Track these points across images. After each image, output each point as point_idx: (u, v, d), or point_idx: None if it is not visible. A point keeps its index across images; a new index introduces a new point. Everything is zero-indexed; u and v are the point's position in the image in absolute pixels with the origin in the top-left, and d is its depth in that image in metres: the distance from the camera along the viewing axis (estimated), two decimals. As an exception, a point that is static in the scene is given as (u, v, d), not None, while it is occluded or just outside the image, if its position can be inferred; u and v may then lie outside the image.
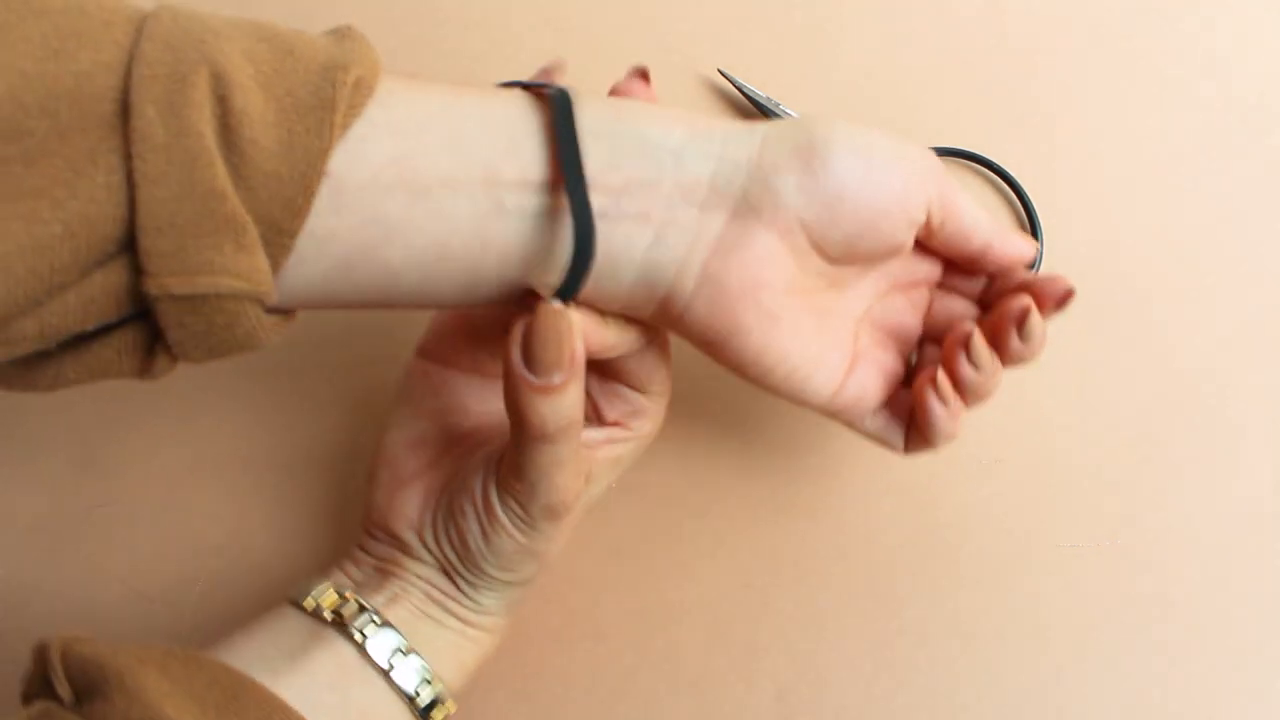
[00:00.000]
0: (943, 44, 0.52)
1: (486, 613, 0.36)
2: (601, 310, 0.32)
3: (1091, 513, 0.43)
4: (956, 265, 0.36)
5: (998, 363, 0.34)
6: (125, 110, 0.24)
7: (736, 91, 0.50)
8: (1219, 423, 0.44)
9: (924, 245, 0.35)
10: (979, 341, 0.33)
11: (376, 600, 0.34)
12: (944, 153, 0.49)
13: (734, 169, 0.30)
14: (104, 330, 0.27)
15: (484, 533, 0.33)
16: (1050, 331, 0.46)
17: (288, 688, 0.30)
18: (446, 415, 0.37)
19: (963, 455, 0.44)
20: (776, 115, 0.49)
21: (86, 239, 0.24)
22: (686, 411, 0.44)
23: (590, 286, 0.30)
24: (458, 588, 0.35)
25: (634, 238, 0.30)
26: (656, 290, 0.31)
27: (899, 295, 0.36)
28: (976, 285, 0.37)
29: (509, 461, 0.32)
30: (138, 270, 0.25)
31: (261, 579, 0.41)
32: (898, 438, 0.36)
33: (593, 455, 0.35)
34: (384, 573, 0.35)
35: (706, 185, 0.30)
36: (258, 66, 0.26)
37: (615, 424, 0.36)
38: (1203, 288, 0.47)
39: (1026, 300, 0.33)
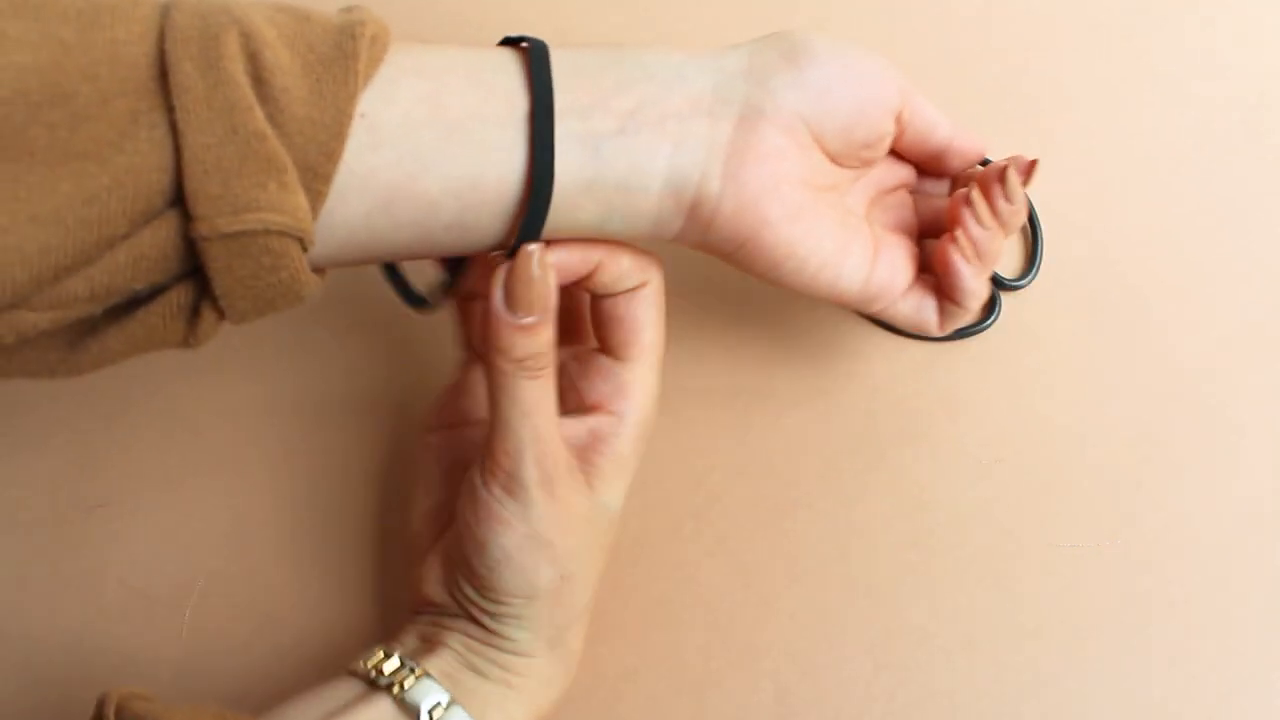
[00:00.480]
0: (942, 44, 0.52)
1: (523, 653, 0.34)
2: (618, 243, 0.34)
3: (1091, 513, 0.43)
4: (925, 170, 0.40)
5: (996, 223, 0.37)
6: (163, 73, 0.26)
7: (736, 91, 0.50)
8: (1219, 423, 0.44)
9: (894, 150, 0.39)
10: (978, 197, 0.36)
11: (421, 653, 0.35)
12: (944, 153, 0.49)
13: (732, 78, 0.33)
14: (150, 296, 0.28)
15: (482, 539, 0.33)
16: (1050, 331, 0.46)
17: None
18: (453, 476, 0.38)
19: (963, 455, 0.44)
20: (776, 115, 0.49)
21: (134, 189, 0.26)
22: (686, 411, 0.44)
23: (623, 200, 0.32)
24: (486, 629, 0.34)
25: (656, 148, 0.32)
26: (684, 196, 0.32)
27: (888, 197, 0.40)
28: (944, 189, 0.41)
29: (490, 444, 0.33)
30: (186, 219, 0.27)
31: (261, 579, 0.41)
32: (932, 314, 0.38)
33: (589, 461, 0.35)
34: (427, 640, 0.35)
35: (710, 95, 0.32)
36: (280, 29, 0.28)
37: (596, 408, 0.36)
38: (1203, 288, 0.47)
39: (1003, 162, 0.37)
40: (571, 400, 0.36)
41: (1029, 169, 0.37)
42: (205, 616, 0.41)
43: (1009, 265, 0.47)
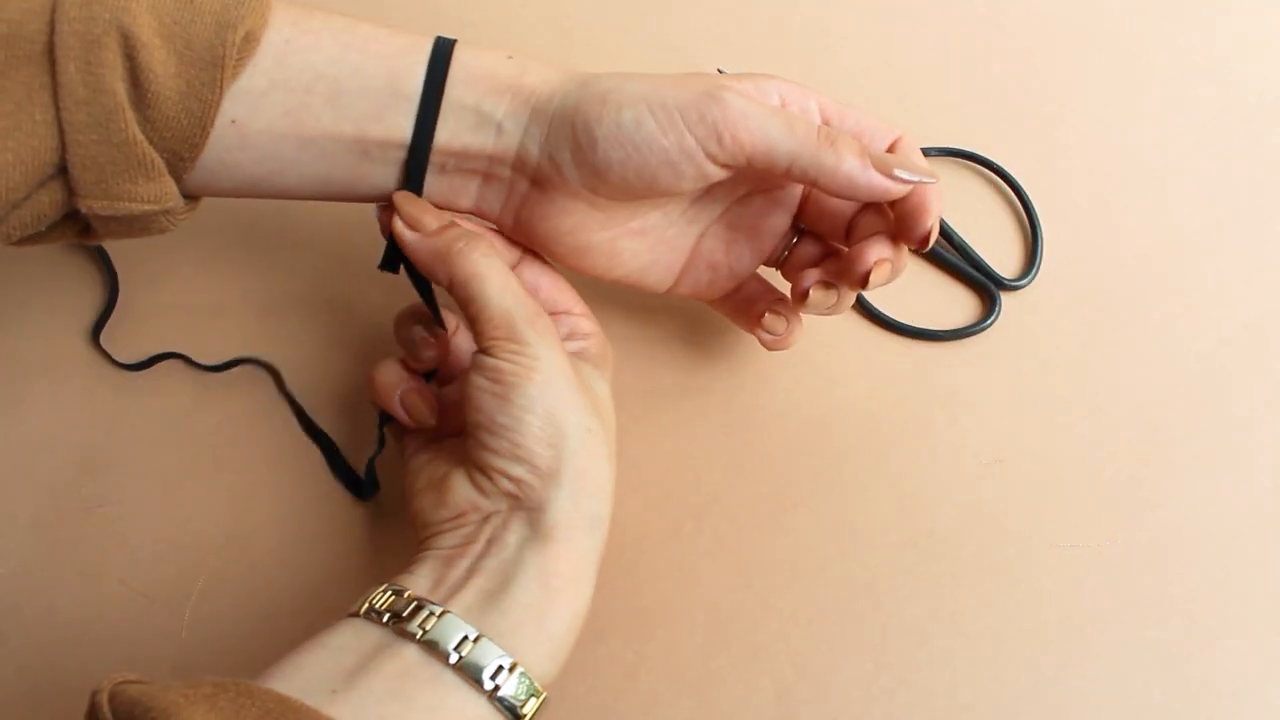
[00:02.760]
0: (943, 44, 0.52)
1: (562, 534, 0.33)
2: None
3: (1091, 513, 0.43)
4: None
5: (838, 299, 0.39)
6: (51, 54, 0.31)
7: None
8: (1219, 423, 0.44)
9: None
10: (816, 294, 0.39)
11: (439, 594, 0.33)
12: (944, 153, 0.49)
13: (532, 142, 0.36)
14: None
15: (506, 397, 0.34)
16: (1050, 331, 0.46)
17: (345, 704, 0.29)
18: (440, 418, 0.40)
19: (963, 455, 0.44)
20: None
21: (32, 165, 0.31)
22: (686, 412, 0.44)
23: (439, 206, 0.38)
24: (528, 509, 0.34)
25: (467, 184, 0.38)
26: (484, 223, 0.39)
27: (760, 196, 0.40)
28: None
29: (476, 325, 0.35)
30: (70, 190, 0.33)
31: (261, 579, 0.41)
32: (743, 324, 0.42)
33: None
34: (448, 564, 0.34)
35: (515, 153, 0.37)
36: (160, 19, 0.32)
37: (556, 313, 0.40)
38: (1203, 287, 0.47)
39: (866, 267, 0.37)
40: None
41: (923, 241, 0.37)
42: (205, 616, 0.41)
43: (1009, 265, 0.47)
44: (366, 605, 0.32)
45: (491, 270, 0.35)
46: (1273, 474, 0.43)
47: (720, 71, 0.50)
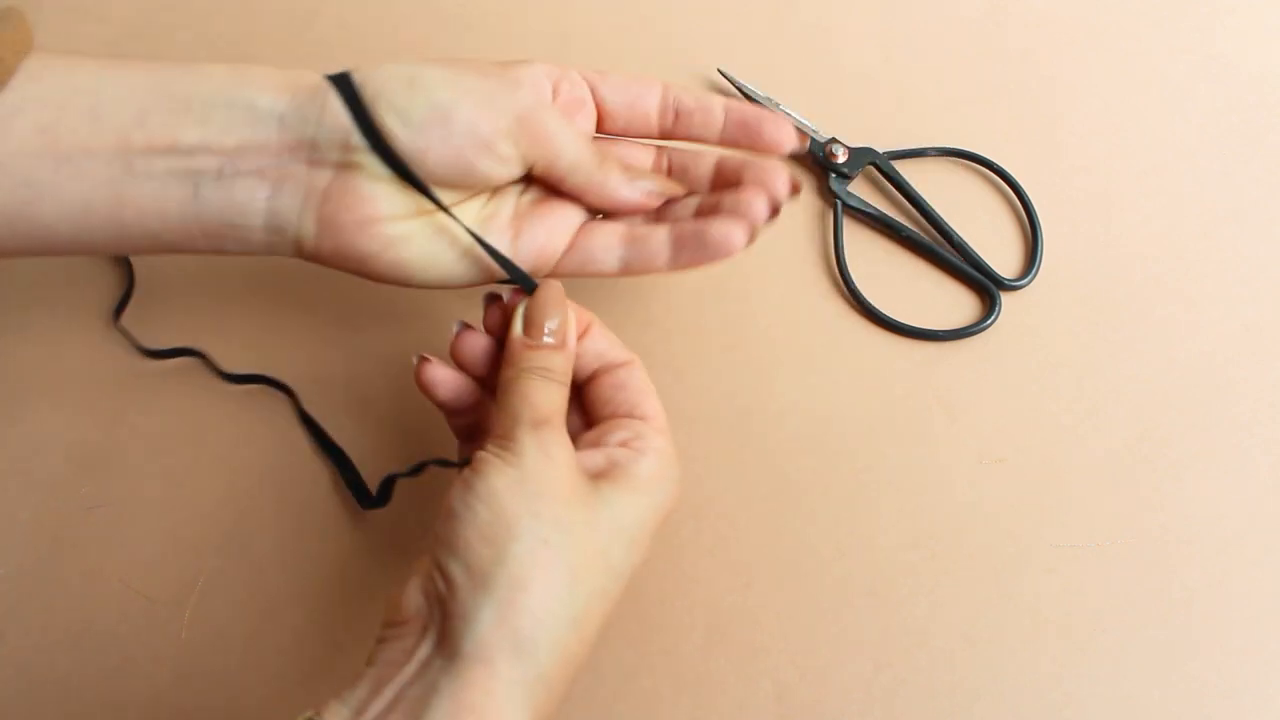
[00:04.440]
0: (943, 44, 0.52)
1: (479, 655, 0.29)
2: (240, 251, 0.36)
3: (1091, 513, 0.43)
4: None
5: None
6: None
7: (736, 91, 0.50)
8: (1219, 423, 0.44)
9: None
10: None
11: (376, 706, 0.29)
12: (944, 153, 0.50)
13: (330, 135, 0.34)
14: None
15: (469, 484, 0.31)
16: (1051, 331, 0.46)
17: None
18: None
19: (963, 455, 0.44)
20: (776, 115, 0.49)
21: None
22: (686, 411, 0.44)
23: (231, 232, 0.35)
24: (448, 617, 0.30)
25: (254, 190, 0.34)
26: (286, 234, 0.35)
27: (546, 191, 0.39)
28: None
29: (489, 429, 0.35)
30: None
31: (261, 579, 0.41)
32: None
33: (602, 475, 0.34)
34: (375, 682, 0.30)
35: (309, 146, 0.34)
36: None
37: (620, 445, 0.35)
38: (1203, 287, 0.47)
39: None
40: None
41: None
42: (205, 616, 0.41)
43: (1009, 265, 0.47)
44: None
45: (543, 400, 0.33)
46: (1273, 474, 0.43)
47: (720, 72, 0.50)
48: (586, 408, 0.37)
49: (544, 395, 0.34)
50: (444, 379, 0.37)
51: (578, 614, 0.30)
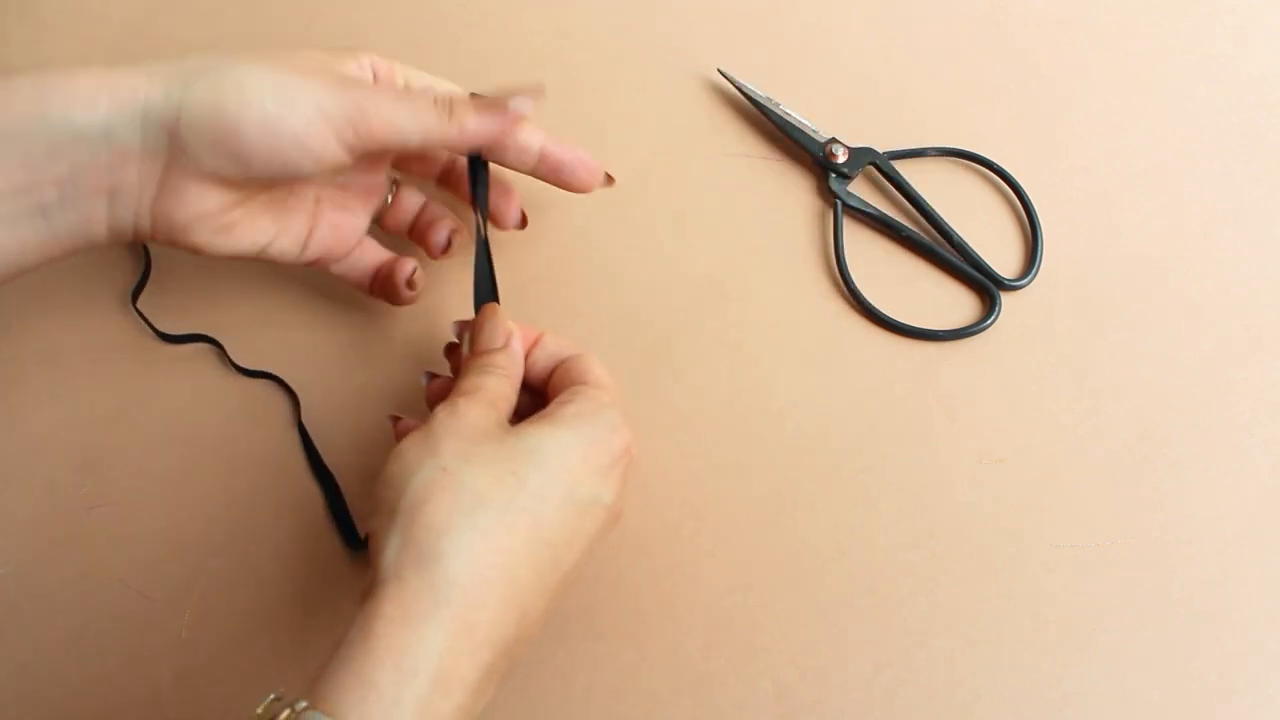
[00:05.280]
0: (943, 44, 0.52)
1: (389, 574, 0.31)
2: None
3: (1091, 513, 0.43)
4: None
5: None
6: None
7: (736, 91, 0.50)
8: (1219, 423, 0.44)
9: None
10: (420, 276, 0.43)
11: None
12: (944, 153, 0.49)
13: (158, 134, 0.35)
14: None
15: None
16: (1051, 331, 0.46)
17: None
18: None
19: (963, 455, 0.44)
20: (777, 115, 0.49)
21: None
22: (686, 412, 0.44)
23: (81, 243, 0.37)
24: (374, 552, 0.33)
25: (95, 204, 0.36)
26: (126, 237, 0.37)
27: (364, 161, 0.40)
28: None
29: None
30: None
31: (261, 579, 0.41)
32: (364, 279, 0.43)
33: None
34: None
35: (138, 149, 0.35)
36: None
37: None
38: (1203, 287, 0.47)
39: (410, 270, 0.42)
40: None
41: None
42: (205, 616, 0.41)
43: (1009, 265, 0.47)
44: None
45: (478, 382, 0.37)
46: (1272, 474, 0.43)
47: (720, 72, 0.50)
48: (548, 397, 0.39)
49: (474, 378, 0.37)
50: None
51: (485, 524, 0.32)
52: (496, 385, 0.37)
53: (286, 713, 0.29)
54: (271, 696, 0.31)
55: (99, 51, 0.51)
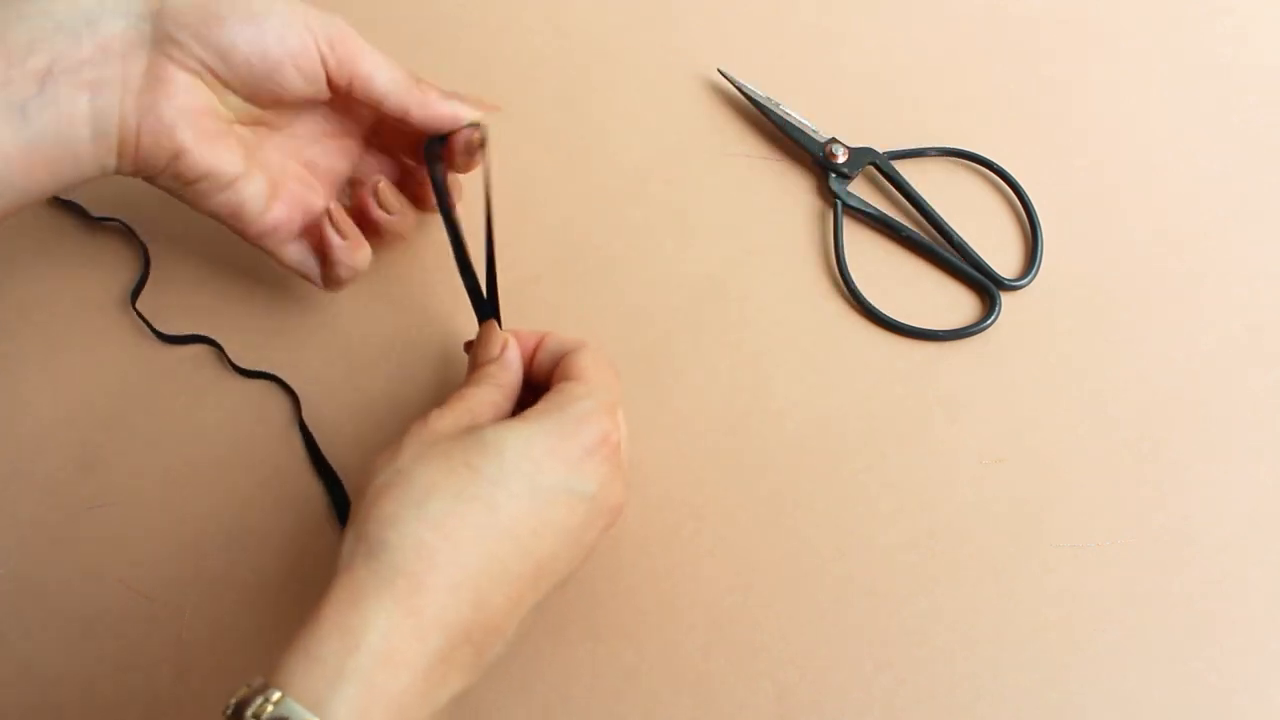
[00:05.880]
0: (943, 44, 0.52)
1: (344, 564, 0.32)
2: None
3: (1091, 513, 0.43)
4: (390, 122, 0.41)
5: (407, 205, 0.43)
6: None
7: (736, 91, 0.50)
8: (1220, 423, 0.44)
9: (353, 104, 0.41)
10: (385, 187, 0.42)
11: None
12: (944, 153, 0.50)
13: (141, 21, 0.35)
14: None
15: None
16: (1051, 331, 0.46)
17: None
18: None
19: (963, 455, 0.44)
20: (777, 115, 0.49)
21: None
22: (686, 412, 0.44)
23: (65, 153, 0.35)
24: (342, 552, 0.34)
25: (76, 98, 0.35)
26: (110, 139, 0.36)
27: (331, 142, 0.43)
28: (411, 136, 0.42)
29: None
30: None
31: (261, 579, 0.41)
32: (315, 270, 0.42)
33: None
34: None
35: (121, 38, 0.35)
36: None
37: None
38: (1204, 287, 0.47)
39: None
40: None
41: (471, 149, 0.41)
42: (205, 616, 0.41)
43: (1009, 265, 0.47)
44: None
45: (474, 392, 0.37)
46: (1272, 474, 0.43)
47: (720, 72, 0.50)
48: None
49: (462, 389, 0.37)
50: None
51: (432, 511, 0.32)
52: (481, 393, 0.37)
53: (243, 689, 0.30)
54: (244, 688, 0.31)
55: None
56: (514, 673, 0.40)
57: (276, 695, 0.29)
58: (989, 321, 0.46)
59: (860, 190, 0.49)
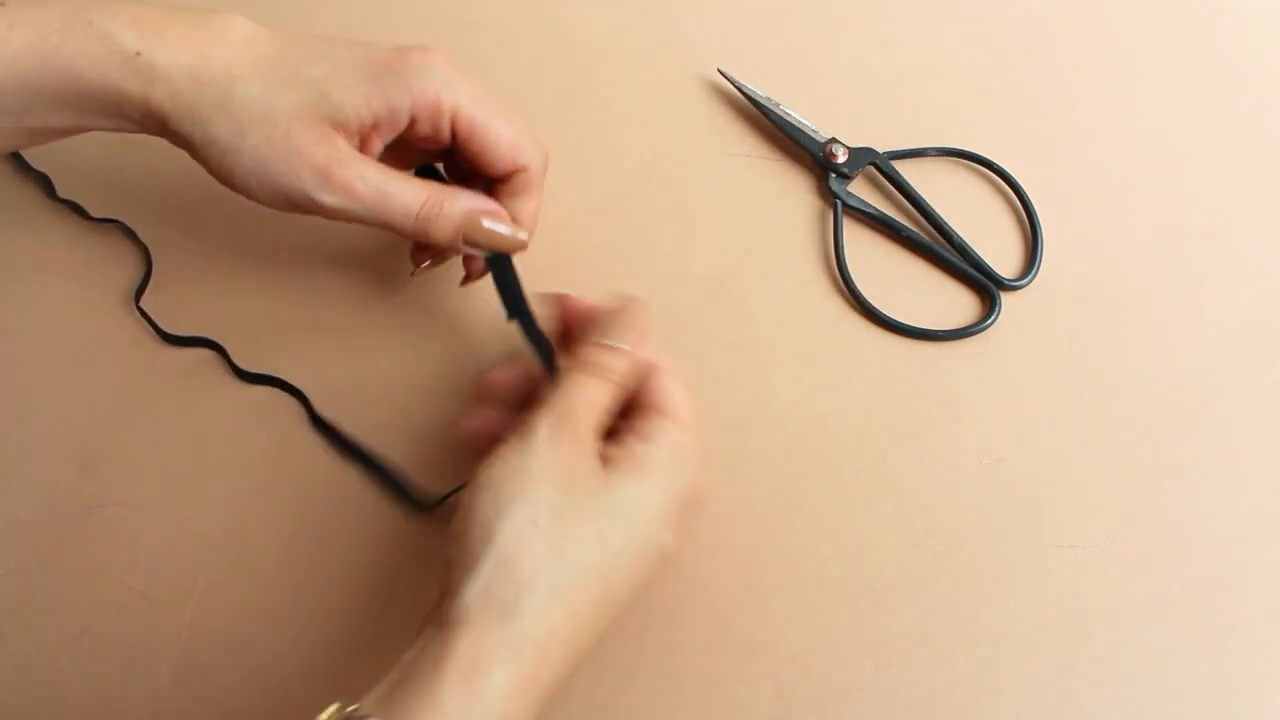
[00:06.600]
0: (943, 44, 0.52)
1: (465, 618, 0.32)
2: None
3: (1091, 513, 0.43)
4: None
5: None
6: None
7: (736, 91, 0.50)
8: (1219, 422, 0.44)
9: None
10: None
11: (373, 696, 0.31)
12: (944, 153, 0.50)
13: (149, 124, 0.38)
14: None
15: (476, 474, 0.34)
16: (1051, 331, 0.46)
17: None
18: None
19: (963, 455, 0.44)
20: (777, 115, 0.49)
21: None
22: (686, 411, 0.44)
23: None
24: (445, 595, 0.33)
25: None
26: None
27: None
28: None
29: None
30: None
31: (261, 579, 0.41)
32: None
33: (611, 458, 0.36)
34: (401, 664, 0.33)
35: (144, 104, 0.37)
36: None
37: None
38: (1203, 287, 0.47)
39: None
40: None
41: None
42: (205, 616, 0.41)
43: (1009, 265, 0.47)
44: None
45: (581, 395, 0.35)
46: (1273, 474, 0.43)
47: (720, 72, 0.50)
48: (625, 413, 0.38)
49: (583, 392, 0.35)
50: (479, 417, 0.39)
51: (562, 585, 0.32)
52: (602, 401, 0.36)
53: None
54: (335, 706, 0.31)
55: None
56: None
57: None
58: (989, 321, 0.46)
59: (860, 190, 0.49)
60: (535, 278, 0.46)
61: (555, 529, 0.33)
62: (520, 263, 0.45)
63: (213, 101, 0.36)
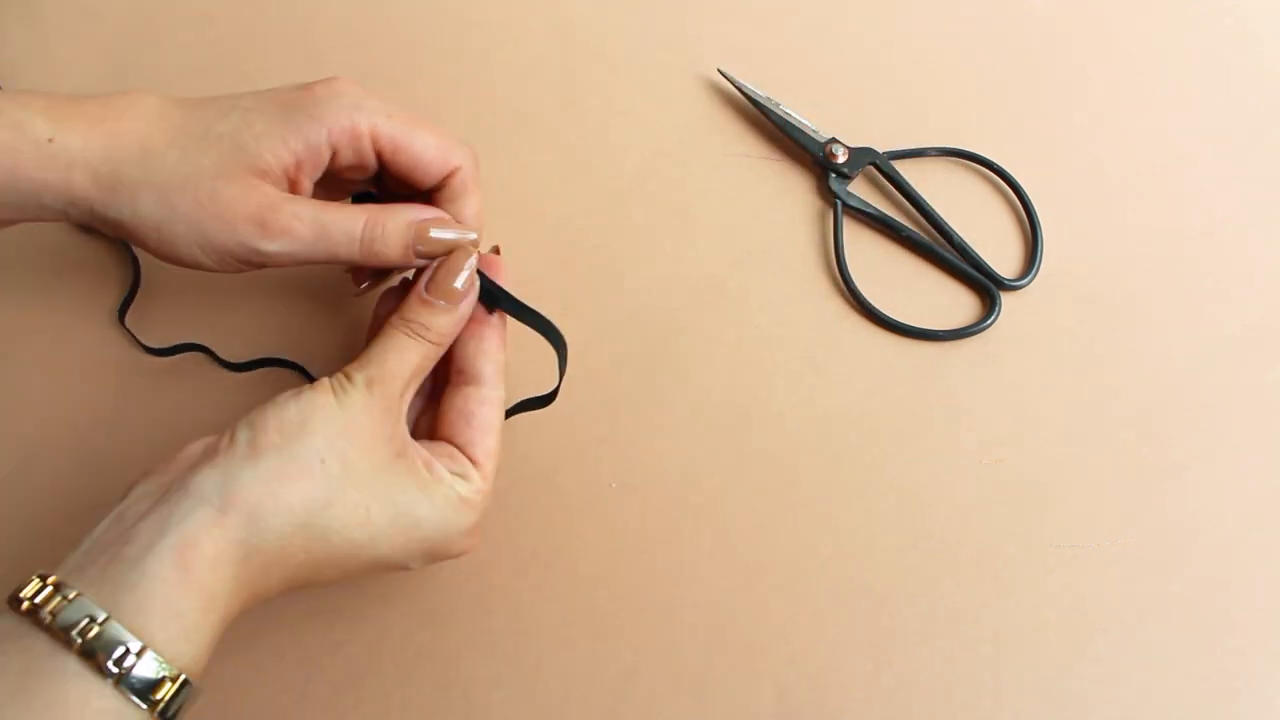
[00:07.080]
0: (943, 44, 0.52)
1: (237, 476, 0.33)
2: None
3: (1092, 512, 0.43)
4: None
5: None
6: None
7: (736, 91, 0.50)
8: (1220, 422, 0.44)
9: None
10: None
11: (90, 557, 0.32)
12: (944, 153, 0.50)
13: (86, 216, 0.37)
14: None
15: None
16: (1051, 331, 0.46)
17: None
18: None
19: (963, 455, 0.44)
20: (777, 115, 0.49)
21: None
22: (685, 412, 0.44)
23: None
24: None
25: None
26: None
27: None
28: None
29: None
30: None
31: (262, 579, 0.41)
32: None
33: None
34: (118, 516, 0.35)
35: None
36: None
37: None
38: (1203, 287, 0.47)
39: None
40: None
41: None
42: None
43: (1009, 265, 0.47)
44: (15, 592, 0.31)
45: (401, 355, 0.36)
46: (1273, 474, 0.43)
47: (720, 72, 0.50)
48: (435, 414, 0.39)
49: (401, 356, 0.36)
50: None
51: (315, 527, 0.33)
52: (418, 363, 0.36)
53: (60, 602, 0.31)
54: (34, 581, 0.32)
55: (99, 52, 0.51)
56: (514, 673, 0.40)
57: (131, 640, 0.29)
58: (989, 321, 0.46)
59: (860, 190, 0.49)
60: (535, 277, 0.47)
61: (335, 482, 0.33)
62: (520, 263, 0.46)
63: (134, 177, 0.36)
